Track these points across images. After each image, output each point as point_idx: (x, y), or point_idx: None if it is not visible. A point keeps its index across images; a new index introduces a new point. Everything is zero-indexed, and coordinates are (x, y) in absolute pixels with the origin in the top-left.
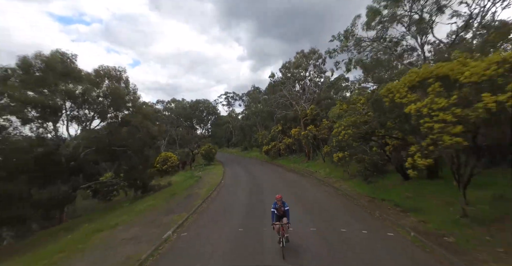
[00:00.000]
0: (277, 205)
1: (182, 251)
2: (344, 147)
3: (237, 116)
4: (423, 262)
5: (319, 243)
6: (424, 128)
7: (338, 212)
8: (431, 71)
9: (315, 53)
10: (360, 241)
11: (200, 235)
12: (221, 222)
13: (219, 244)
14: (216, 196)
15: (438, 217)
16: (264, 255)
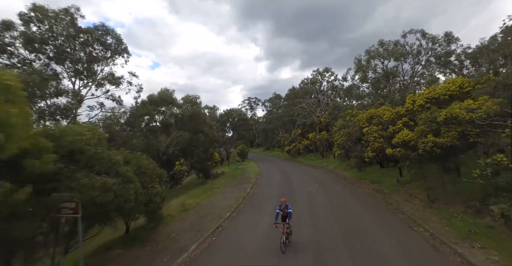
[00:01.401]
0: (282, 207)
1: (257, 196)
2: (342, 147)
3: (259, 120)
4: (369, 198)
5: (322, 194)
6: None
7: (335, 185)
8: (373, 112)
9: (328, 71)
10: (343, 194)
11: (262, 191)
12: (269, 187)
13: (272, 194)
14: (261, 178)
15: (386, 184)
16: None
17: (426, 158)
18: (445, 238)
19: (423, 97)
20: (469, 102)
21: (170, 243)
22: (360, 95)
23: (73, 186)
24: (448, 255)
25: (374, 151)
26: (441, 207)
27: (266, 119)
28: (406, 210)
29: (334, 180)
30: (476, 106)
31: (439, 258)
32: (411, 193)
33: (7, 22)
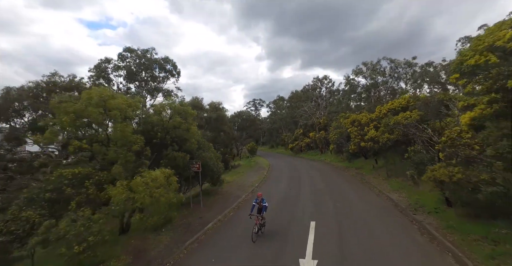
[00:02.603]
0: (258, 201)
1: (272, 177)
2: (335, 143)
3: (264, 120)
4: (350, 177)
5: (319, 176)
6: (353, 138)
7: (329, 171)
8: (355, 117)
9: (327, 79)
10: (334, 175)
11: (275, 175)
12: (280, 172)
13: (283, 177)
14: (272, 168)
15: (366, 169)
16: (301, 179)
17: (383, 149)
18: (385, 191)
19: (386, 108)
20: (407, 113)
21: (229, 195)
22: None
23: (199, 155)
24: (383, 197)
25: (355, 145)
26: (392, 179)
27: (271, 120)
28: (371, 182)
29: (329, 168)
30: (408, 115)
31: (378, 198)
32: (379, 173)
33: (109, 59)
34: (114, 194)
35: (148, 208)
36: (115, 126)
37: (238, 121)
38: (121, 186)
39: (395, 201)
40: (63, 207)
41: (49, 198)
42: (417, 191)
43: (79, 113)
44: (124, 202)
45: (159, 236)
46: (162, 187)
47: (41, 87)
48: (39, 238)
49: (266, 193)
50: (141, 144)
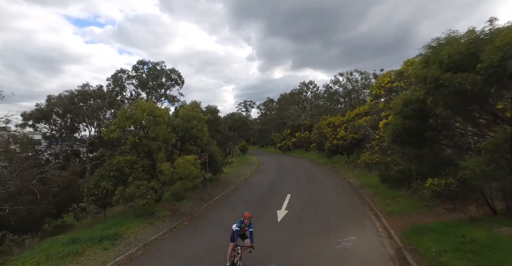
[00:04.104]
0: (243, 225)
1: (262, 170)
2: (316, 142)
3: (254, 120)
4: (326, 169)
5: (301, 168)
6: (328, 137)
7: (310, 165)
8: (330, 120)
9: (312, 83)
10: (313, 168)
11: (265, 168)
12: (269, 166)
13: (272, 170)
14: (263, 162)
15: (340, 163)
16: (285, 171)
17: (350, 146)
18: (347, 177)
19: (354, 113)
20: (367, 117)
21: (228, 181)
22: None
23: (207, 149)
24: (344, 181)
25: (330, 143)
26: (356, 169)
27: (261, 120)
28: (340, 172)
29: (310, 163)
30: (368, 119)
31: (340, 182)
32: (349, 166)
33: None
34: (165, 168)
35: (185, 177)
36: (158, 128)
37: (230, 122)
38: (168, 164)
39: (351, 183)
40: (123, 181)
41: (113, 175)
42: (368, 176)
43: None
44: (171, 173)
45: (183, 203)
46: (192, 165)
47: (75, 95)
48: (117, 197)
49: (258, 180)
50: (174, 140)
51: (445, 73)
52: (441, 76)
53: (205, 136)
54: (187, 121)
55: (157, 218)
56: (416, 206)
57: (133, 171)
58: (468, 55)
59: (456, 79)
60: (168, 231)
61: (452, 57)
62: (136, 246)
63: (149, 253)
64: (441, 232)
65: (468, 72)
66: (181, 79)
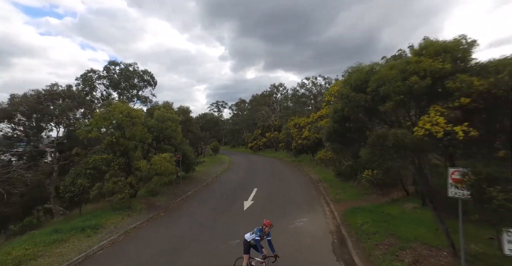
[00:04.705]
0: (262, 233)
1: (232, 168)
2: (284, 141)
3: (226, 121)
4: (292, 166)
5: (270, 166)
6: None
7: (278, 163)
8: (296, 121)
9: (282, 86)
10: (280, 165)
11: (235, 167)
12: (239, 165)
13: (242, 168)
14: (234, 162)
15: (305, 161)
16: (254, 169)
17: (313, 145)
18: (309, 173)
19: (317, 115)
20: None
21: (199, 179)
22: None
23: (180, 148)
24: (307, 176)
25: (296, 143)
26: (318, 166)
27: (233, 121)
28: (304, 169)
29: (278, 161)
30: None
31: (303, 177)
32: (312, 163)
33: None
34: (142, 165)
35: (162, 173)
36: (135, 128)
37: (202, 122)
38: (144, 162)
39: (312, 178)
40: (99, 178)
41: (90, 173)
42: (327, 172)
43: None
44: (148, 170)
45: (157, 198)
46: (168, 162)
47: (42, 95)
48: (95, 192)
49: (228, 177)
50: (150, 139)
51: (352, 92)
52: (350, 94)
53: (179, 136)
54: (161, 122)
55: (134, 211)
56: (358, 194)
57: (110, 168)
58: (364, 81)
59: (356, 97)
60: (146, 221)
61: (356, 81)
62: (117, 233)
63: (129, 238)
64: (369, 210)
65: (363, 93)
66: (154, 81)
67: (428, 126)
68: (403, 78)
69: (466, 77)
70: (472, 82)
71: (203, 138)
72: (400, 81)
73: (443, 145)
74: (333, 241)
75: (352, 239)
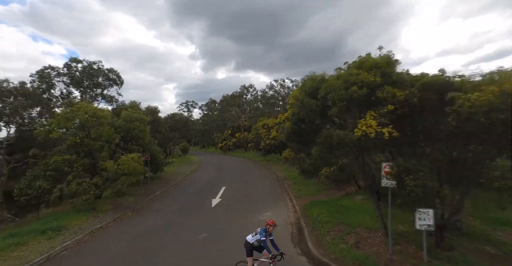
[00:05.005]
0: (266, 233)
1: (202, 168)
2: (252, 142)
3: (196, 121)
4: (260, 165)
5: (239, 165)
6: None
7: (247, 162)
8: (265, 122)
9: (252, 87)
10: (249, 164)
11: (204, 167)
12: (209, 165)
13: (212, 168)
14: (203, 162)
15: (273, 161)
16: (224, 168)
17: (281, 145)
18: (276, 172)
19: (284, 117)
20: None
21: (168, 179)
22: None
23: (149, 149)
24: (273, 174)
25: (264, 143)
26: (285, 165)
27: (203, 121)
28: (272, 167)
29: (247, 161)
30: None
31: (270, 175)
32: (279, 163)
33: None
34: (109, 166)
35: (130, 173)
36: (102, 129)
37: (171, 122)
38: (111, 162)
39: (278, 176)
40: (60, 180)
41: (50, 175)
42: (292, 170)
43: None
44: (115, 170)
45: (125, 199)
46: (136, 162)
47: None
48: (56, 194)
49: (197, 177)
50: (117, 140)
51: (306, 98)
52: (304, 99)
53: (147, 137)
54: (129, 122)
55: (99, 212)
56: (318, 189)
57: (73, 170)
58: (316, 89)
59: (309, 102)
60: (112, 221)
61: (309, 89)
62: (82, 234)
63: (96, 238)
64: (325, 203)
65: (315, 99)
66: (120, 80)
67: (364, 128)
68: (346, 87)
69: (390, 89)
70: (395, 93)
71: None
72: (344, 90)
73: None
74: (292, 231)
75: (308, 228)
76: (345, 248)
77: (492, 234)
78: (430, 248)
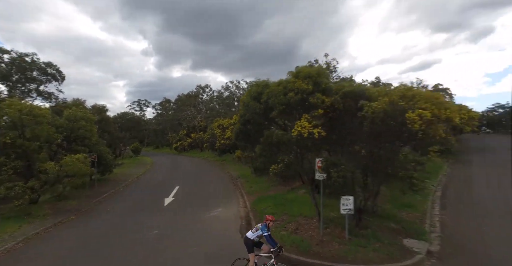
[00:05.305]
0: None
1: (154, 170)
2: (208, 142)
3: (150, 121)
4: (215, 165)
5: (194, 165)
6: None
7: (202, 162)
8: (220, 122)
9: (208, 87)
10: (204, 165)
11: (157, 167)
12: (162, 166)
13: (165, 168)
14: (156, 163)
15: (228, 160)
16: (178, 169)
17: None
18: (230, 171)
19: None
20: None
21: (118, 181)
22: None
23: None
24: (227, 173)
25: (219, 143)
26: (238, 164)
27: (157, 121)
28: (226, 167)
29: (203, 161)
30: None
31: (224, 174)
32: (234, 162)
33: None
34: (49, 167)
35: (74, 174)
36: (40, 128)
37: (121, 122)
38: (52, 164)
39: (232, 175)
40: None
41: None
42: (246, 169)
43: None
44: (57, 172)
45: (67, 202)
46: (82, 163)
47: None
48: None
49: (150, 177)
50: (59, 140)
51: (251, 101)
52: (250, 102)
53: (94, 137)
54: (73, 122)
55: (36, 217)
56: (268, 186)
57: (2, 173)
58: (260, 94)
59: (254, 105)
60: (53, 225)
61: (254, 93)
62: (13, 241)
63: (31, 245)
64: (272, 198)
65: (259, 102)
66: (61, 75)
67: (299, 128)
68: (284, 93)
69: (320, 96)
70: (324, 99)
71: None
72: (283, 95)
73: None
74: (241, 223)
75: (256, 220)
76: (285, 234)
77: (398, 214)
78: (351, 229)
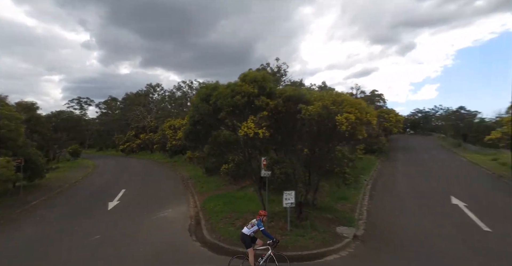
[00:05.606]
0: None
1: (97, 174)
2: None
3: (92, 120)
4: (165, 167)
5: (143, 167)
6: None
7: (152, 165)
8: (172, 123)
9: (159, 86)
10: (154, 167)
11: (102, 171)
12: (106, 169)
13: (110, 172)
14: (99, 166)
15: (179, 162)
16: (124, 171)
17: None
18: (181, 172)
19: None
20: None
21: (51, 186)
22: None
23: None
24: (178, 175)
25: (170, 144)
26: (190, 165)
27: (101, 121)
28: (178, 169)
29: (153, 163)
30: None
31: (174, 175)
32: (186, 163)
33: None
34: None
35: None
36: None
37: (56, 121)
38: None
39: (183, 176)
40: None
41: None
42: (197, 170)
43: None
44: None
45: None
46: (4, 168)
47: None
48: None
49: (91, 182)
50: None
51: (200, 102)
52: (199, 104)
53: (21, 138)
54: None
55: None
56: (219, 185)
57: None
58: (209, 95)
59: (203, 107)
60: None
61: (203, 95)
62: None
63: None
64: (222, 196)
65: (208, 104)
66: None
67: (246, 129)
68: (232, 95)
69: (265, 99)
70: (268, 102)
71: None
72: (230, 98)
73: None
74: (190, 223)
75: (205, 218)
76: (232, 230)
77: (334, 206)
78: (292, 221)
